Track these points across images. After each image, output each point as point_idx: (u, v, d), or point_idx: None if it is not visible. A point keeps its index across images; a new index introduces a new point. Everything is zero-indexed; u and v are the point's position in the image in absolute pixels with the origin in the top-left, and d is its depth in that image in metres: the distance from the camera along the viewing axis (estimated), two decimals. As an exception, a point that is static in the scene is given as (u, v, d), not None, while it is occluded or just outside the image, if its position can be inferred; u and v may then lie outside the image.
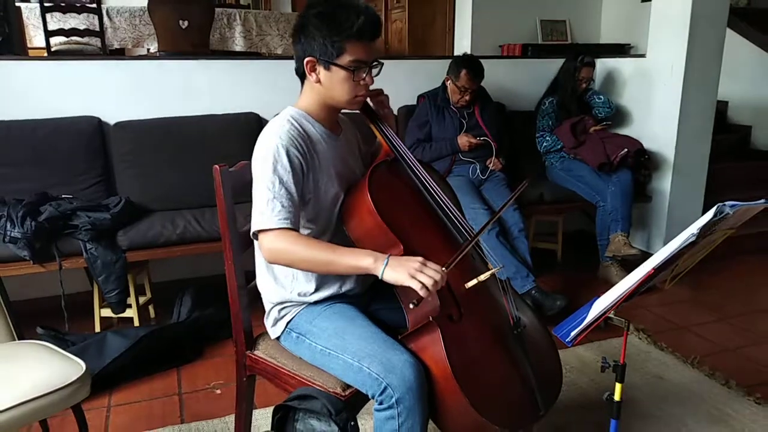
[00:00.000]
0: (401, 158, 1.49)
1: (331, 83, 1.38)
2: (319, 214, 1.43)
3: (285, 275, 1.46)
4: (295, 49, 1.41)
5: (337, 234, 1.45)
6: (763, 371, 2.38)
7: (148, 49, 4.46)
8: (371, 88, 1.45)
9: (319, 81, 1.39)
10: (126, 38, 4.35)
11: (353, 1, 1.36)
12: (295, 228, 1.32)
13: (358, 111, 1.50)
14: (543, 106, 3.45)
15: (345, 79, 1.37)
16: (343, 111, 1.49)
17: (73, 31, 4.06)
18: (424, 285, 1.22)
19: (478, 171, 3.08)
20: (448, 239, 1.49)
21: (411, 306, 1.27)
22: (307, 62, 1.38)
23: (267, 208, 1.30)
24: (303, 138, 1.38)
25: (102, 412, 2.09)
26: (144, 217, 2.67)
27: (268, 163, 1.33)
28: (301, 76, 1.44)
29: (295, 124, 1.39)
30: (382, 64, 1.41)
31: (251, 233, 1.35)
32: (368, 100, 1.50)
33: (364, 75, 1.38)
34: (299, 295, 1.45)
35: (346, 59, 1.35)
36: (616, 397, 1.33)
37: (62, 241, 2.43)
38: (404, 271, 1.23)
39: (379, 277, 1.26)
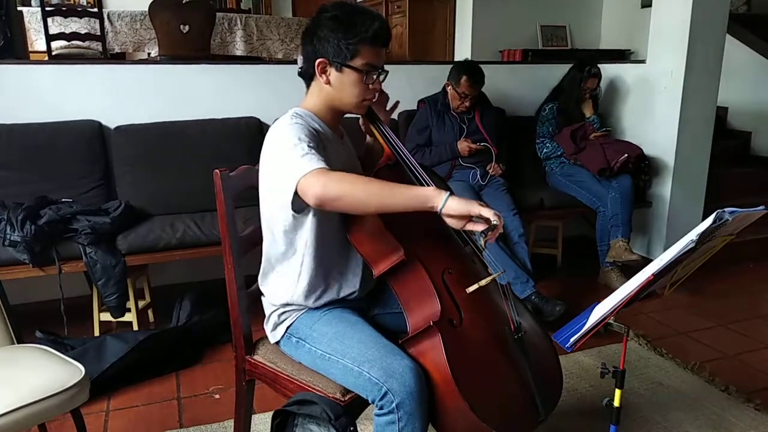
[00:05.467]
0: (403, 162, 1.49)
1: (341, 85, 1.40)
2: (323, 215, 1.43)
3: (289, 277, 1.45)
4: (306, 50, 1.43)
5: (338, 235, 1.45)
6: (762, 377, 2.38)
7: (149, 54, 4.47)
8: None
9: (329, 82, 1.41)
10: (127, 42, 4.35)
11: (366, 8, 1.40)
12: None
13: (359, 116, 1.51)
14: (543, 112, 3.46)
15: (356, 82, 1.39)
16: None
17: (74, 35, 4.06)
18: (496, 213, 1.21)
19: (478, 176, 3.09)
20: (450, 243, 1.49)
21: (485, 234, 1.21)
22: (319, 63, 1.39)
23: (301, 160, 1.24)
24: (313, 132, 1.38)
25: (101, 416, 2.09)
26: (144, 221, 2.66)
27: (292, 138, 1.29)
28: (308, 78, 1.45)
29: (303, 121, 1.40)
30: (388, 72, 1.44)
31: (292, 193, 1.25)
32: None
33: (374, 78, 1.41)
34: (300, 299, 1.45)
35: (359, 62, 1.37)
36: (616, 402, 1.33)
37: (62, 244, 2.43)
38: (473, 201, 1.22)
39: (439, 208, 1.20)
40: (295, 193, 1.26)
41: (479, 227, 1.22)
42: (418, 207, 1.23)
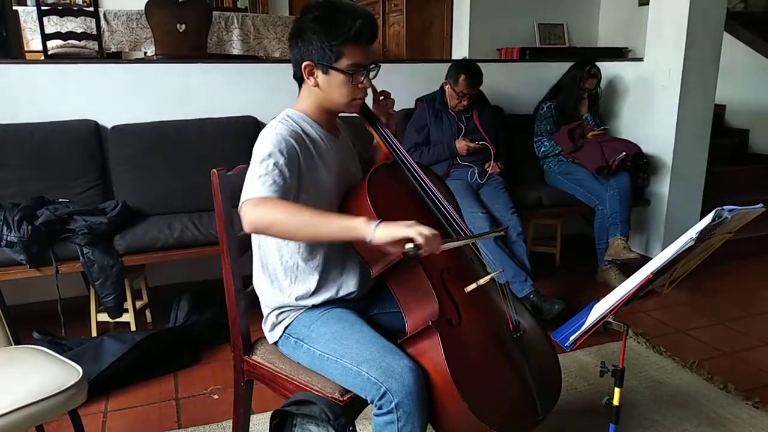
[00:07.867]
0: (400, 161, 1.49)
1: (329, 87, 1.38)
2: None
3: (284, 278, 1.45)
4: (293, 53, 1.41)
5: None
6: (760, 375, 2.38)
7: (146, 53, 4.46)
8: (379, 90, 1.46)
9: (317, 85, 1.39)
10: (123, 41, 4.34)
11: (350, 4, 1.36)
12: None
13: (357, 114, 1.50)
14: (541, 110, 3.46)
15: (343, 83, 1.37)
16: (341, 114, 1.50)
17: (70, 35, 4.05)
18: (421, 233, 1.15)
19: (476, 175, 3.08)
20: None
21: (408, 247, 1.15)
22: (305, 66, 1.38)
23: (256, 182, 1.25)
24: (302, 136, 1.38)
25: (99, 417, 2.08)
26: (141, 221, 2.65)
27: (264, 151, 1.30)
28: (299, 80, 1.44)
29: (294, 123, 1.39)
30: (380, 66, 1.42)
31: (238, 209, 1.27)
32: (370, 103, 1.50)
33: (362, 78, 1.38)
34: (297, 299, 1.45)
35: (344, 63, 1.35)
36: (615, 401, 1.33)
37: (59, 245, 2.42)
38: (400, 224, 1.17)
39: (368, 239, 1.17)
40: None
41: (420, 236, 1.16)
42: (349, 238, 1.23)
